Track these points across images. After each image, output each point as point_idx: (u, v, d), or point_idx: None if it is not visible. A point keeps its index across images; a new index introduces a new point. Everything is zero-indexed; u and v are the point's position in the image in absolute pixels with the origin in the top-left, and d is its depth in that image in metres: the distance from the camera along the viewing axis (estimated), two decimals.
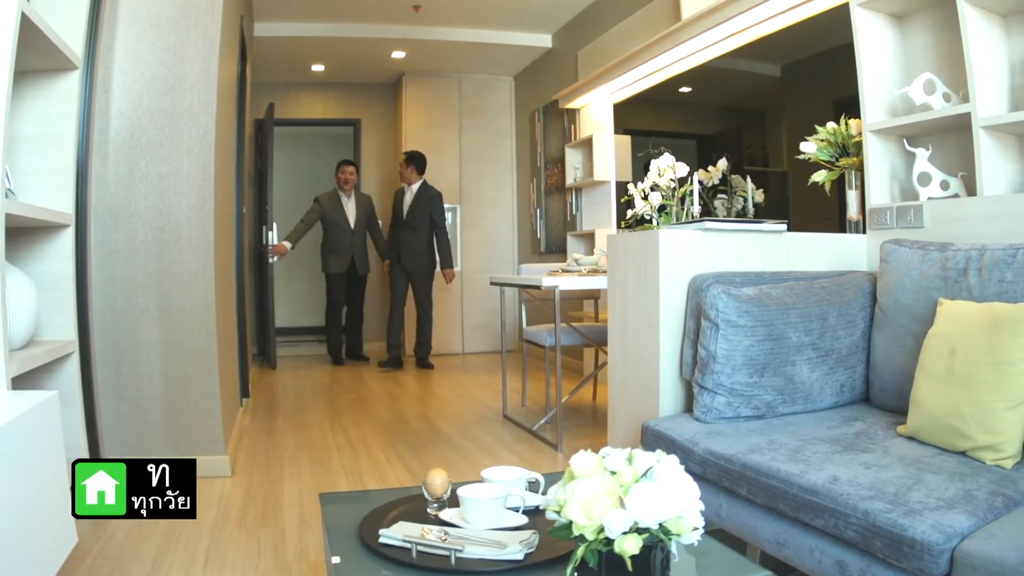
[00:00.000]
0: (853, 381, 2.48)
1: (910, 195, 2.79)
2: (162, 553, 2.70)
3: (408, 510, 1.77)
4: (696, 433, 2.26)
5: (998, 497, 1.58)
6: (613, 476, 1.18)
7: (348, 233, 7.36)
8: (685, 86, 5.36)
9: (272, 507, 3.22)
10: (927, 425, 1.96)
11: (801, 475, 1.81)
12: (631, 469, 1.18)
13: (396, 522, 1.66)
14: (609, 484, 1.17)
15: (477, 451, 4.15)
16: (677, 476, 1.18)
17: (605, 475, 1.18)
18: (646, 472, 1.18)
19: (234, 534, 2.90)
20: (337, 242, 7.34)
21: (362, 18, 6.70)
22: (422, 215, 6.99)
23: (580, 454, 1.25)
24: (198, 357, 3.57)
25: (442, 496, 1.78)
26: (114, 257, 3.43)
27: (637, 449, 1.23)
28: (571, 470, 1.23)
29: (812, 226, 3.09)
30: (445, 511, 1.74)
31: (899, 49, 2.88)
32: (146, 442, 3.50)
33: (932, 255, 2.31)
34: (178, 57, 3.49)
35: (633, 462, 1.20)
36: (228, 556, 2.68)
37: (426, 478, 1.79)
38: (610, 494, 1.16)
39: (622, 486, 1.16)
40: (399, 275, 7.12)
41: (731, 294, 2.33)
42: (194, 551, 2.72)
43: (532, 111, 7.87)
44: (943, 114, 2.54)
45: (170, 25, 3.48)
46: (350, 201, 7.42)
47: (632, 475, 1.17)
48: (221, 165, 3.80)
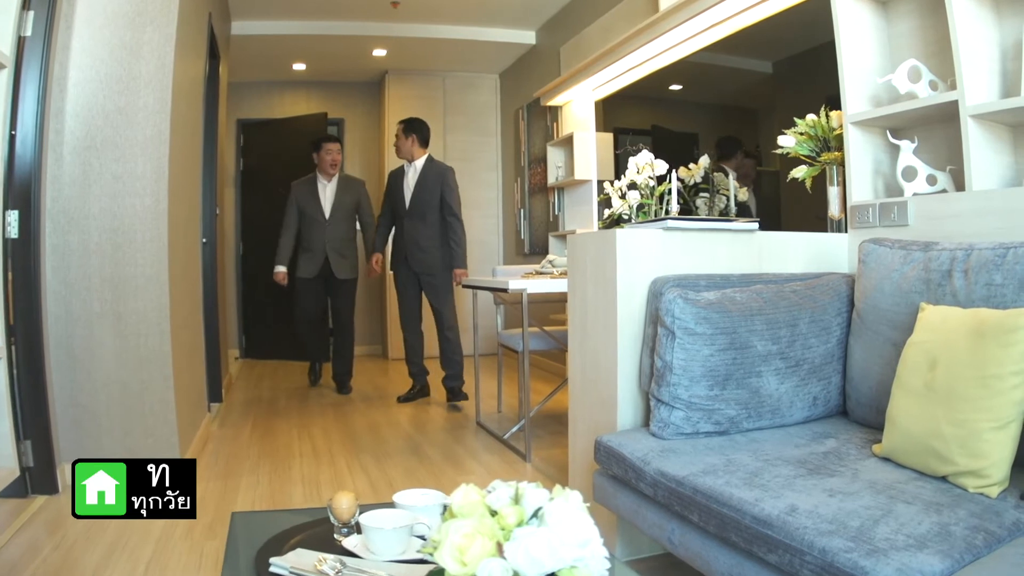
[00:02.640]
0: (828, 393, 2.26)
1: (895, 191, 2.57)
2: (102, 565, 2.57)
3: (315, 535, 1.63)
4: (650, 451, 2.04)
5: (979, 534, 1.36)
6: (494, 516, 0.96)
7: (321, 226, 5.82)
8: (675, 83, 5.16)
9: (221, 519, 3.04)
10: (904, 446, 1.74)
11: (755, 503, 1.59)
12: (515, 509, 0.96)
13: (296, 548, 1.51)
14: (488, 526, 0.95)
15: (443, 461, 3.94)
16: (573, 519, 0.96)
17: (486, 514, 0.96)
18: (535, 513, 0.96)
19: (178, 546, 2.76)
20: (309, 238, 5.83)
21: (340, 15, 6.50)
22: (431, 199, 5.36)
23: (463, 487, 1.03)
24: (152, 362, 3.45)
25: (349, 520, 1.60)
26: (68, 260, 3.34)
27: (531, 484, 1.01)
28: (451, 506, 1.01)
29: (805, 226, 2.86)
30: (351, 538, 1.57)
31: (882, 35, 2.66)
32: (102, 448, 3.40)
33: (915, 255, 2.09)
34: (133, 55, 3.38)
35: (521, 500, 0.98)
36: (168, 569, 2.57)
37: (332, 501, 1.62)
38: (489, 537, 0.94)
39: (503, 529, 0.95)
40: (407, 279, 5.47)
41: (688, 299, 2.12)
42: (135, 562, 2.60)
43: (516, 109, 7.66)
44: (929, 103, 2.32)
45: (126, 22, 3.36)
46: (328, 186, 5.90)
47: (516, 516, 0.96)
48: (178, 165, 3.67)
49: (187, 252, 4.12)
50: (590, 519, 0.98)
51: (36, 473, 3.19)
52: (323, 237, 5.81)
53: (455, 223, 5.34)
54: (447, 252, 5.35)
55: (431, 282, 5.38)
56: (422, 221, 5.35)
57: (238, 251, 8.02)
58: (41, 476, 3.19)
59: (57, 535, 2.81)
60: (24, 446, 3.15)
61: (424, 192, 5.35)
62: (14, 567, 2.52)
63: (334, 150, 5.89)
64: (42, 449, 3.18)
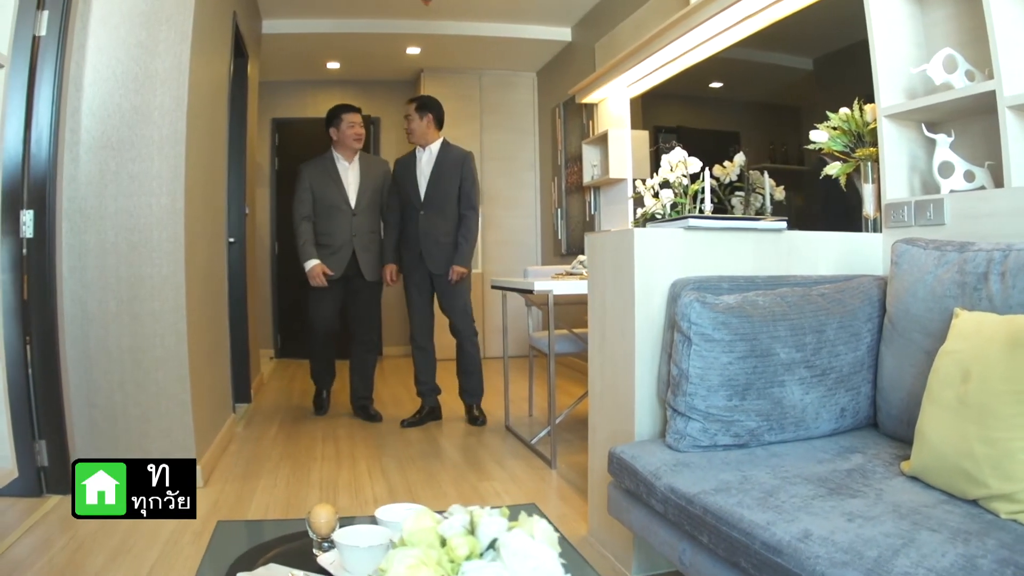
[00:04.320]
0: (857, 404, 2.12)
1: (931, 188, 2.41)
2: (107, 566, 2.54)
3: (293, 549, 1.57)
4: (662, 465, 1.92)
5: (1008, 568, 1.22)
6: (444, 546, 0.86)
7: (345, 216, 4.81)
8: (716, 81, 5.01)
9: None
10: (933, 465, 1.60)
11: (766, 527, 1.46)
12: (468, 540, 0.85)
13: (269, 563, 1.45)
14: (435, 557, 0.85)
15: (466, 466, 3.86)
16: (532, 553, 0.85)
17: (435, 544, 0.86)
18: (491, 544, 0.85)
19: (185, 549, 2.71)
20: (329, 231, 4.80)
21: (372, 13, 6.45)
22: (449, 188, 4.71)
23: (416, 512, 0.93)
24: (168, 363, 3.40)
25: (328, 535, 1.51)
26: (85, 260, 3.32)
27: (491, 511, 0.91)
28: (402, 533, 0.91)
29: (848, 228, 2.70)
30: (328, 555, 1.49)
31: (916, 24, 2.49)
32: (117, 449, 3.36)
33: (949, 256, 1.94)
34: (149, 53, 3.34)
35: (477, 529, 0.87)
36: (172, 572, 2.52)
37: (310, 514, 1.53)
38: (435, 570, 0.84)
39: (452, 561, 0.84)
40: (421, 283, 4.79)
41: (706, 303, 1.99)
42: (140, 565, 2.57)
43: (553, 107, 7.54)
44: (965, 94, 2.15)
45: (142, 20, 3.33)
46: (351, 168, 4.88)
47: (468, 547, 0.85)
48: (197, 164, 3.63)
49: (210, 252, 4.08)
50: (553, 553, 0.87)
51: (51, 472, 3.18)
52: (349, 230, 4.82)
53: (471, 216, 4.72)
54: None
55: (449, 284, 4.75)
56: (440, 214, 4.69)
57: (273, 250, 8.02)
58: (56, 476, 3.18)
59: (66, 535, 2.79)
60: (39, 445, 3.15)
61: (441, 181, 4.70)
62: (18, 566, 2.50)
63: (357, 122, 4.87)
64: (57, 448, 3.18)
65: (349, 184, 4.84)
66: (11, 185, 3.00)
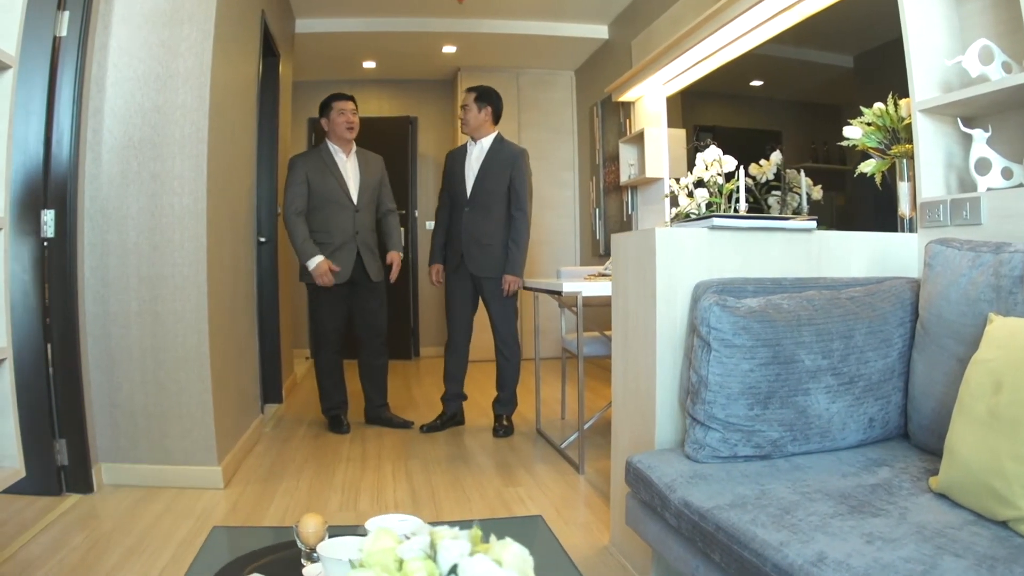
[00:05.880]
0: (887, 414, 2.01)
1: (968, 186, 2.29)
2: (118, 567, 2.52)
3: (282, 559, 1.51)
4: (678, 476, 1.83)
5: None
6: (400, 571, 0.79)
7: (348, 212, 4.47)
8: (756, 79, 4.88)
9: (250, 525, 2.97)
10: (962, 481, 1.49)
11: (779, 548, 1.37)
12: (425, 565, 0.78)
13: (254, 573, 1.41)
14: None
15: (493, 470, 3.79)
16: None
17: (391, 568, 0.80)
18: (452, 570, 0.78)
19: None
20: (328, 228, 4.44)
21: (406, 11, 6.41)
22: (497, 187, 4.40)
23: (378, 529, 0.86)
24: (190, 363, 3.40)
25: (316, 545, 1.45)
26: (107, 259, 3.34)
27: (456, 532, 0.83)
28: (361, 554, 0.84)
29: (889, 228, 2.57)
30: (314, 567, 1.44)
31: (951, 14, 2.36)
32: (138, 450, 3.39)
33: (984, 258, 1.82)
34: (171, 52, 3.35)
35: (438, 553, 0.80)
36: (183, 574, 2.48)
37: (299, 523, 1.46)
38: None
39: None
40: (460, 285, 4.54)
41: (726, 307, 1.90)
42: (151, 566, 2.53)
43: (591, 106, 7.45)
44: (1002, 86, 2.02)
45: (163, 20, 3.34)
46: (349, 161, 4.55)
47: (426, 573, 0.78)
48: (220, 164, 3.62)
49: (236, 251, 4.07)
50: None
51: (71, 472, 3.18)
52: (352, 227, 4.47)
53: (520, 219, 4.38)
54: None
55: (494, 290, 4.46)
56: (485, 213, 4.41)
57: None
58: (75, 475, 3.18)
59: (81, 535, 2.78)
60: (59, 444, 3.15)
61: (490, 178, 4.40)
62: (30, 564, 2.49)
63: (348, 109, 4.50)
64: (77, 448, 3.18)
65: (349, 177, 4.52)
66: (31, 185, 3.00)
